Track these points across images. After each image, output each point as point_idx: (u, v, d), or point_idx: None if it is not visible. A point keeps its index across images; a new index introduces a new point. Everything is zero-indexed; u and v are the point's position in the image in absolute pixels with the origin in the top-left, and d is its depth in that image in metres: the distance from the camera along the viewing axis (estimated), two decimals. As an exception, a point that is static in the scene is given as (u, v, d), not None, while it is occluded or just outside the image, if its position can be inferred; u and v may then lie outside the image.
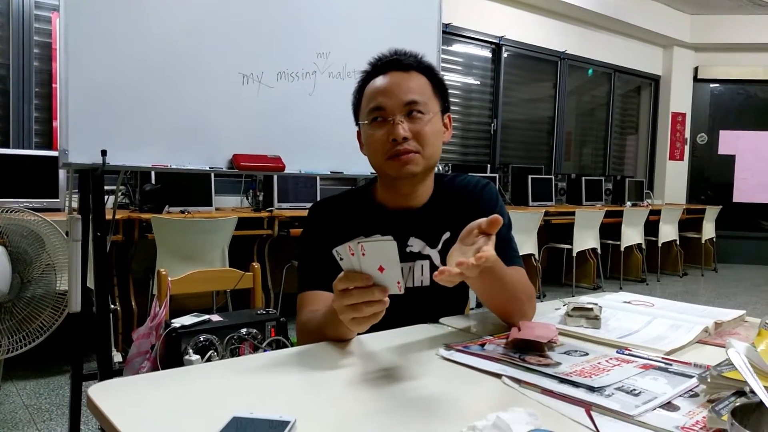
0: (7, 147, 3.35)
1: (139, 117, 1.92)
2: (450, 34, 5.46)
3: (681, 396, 0.74)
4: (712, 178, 7.80)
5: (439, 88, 1.18)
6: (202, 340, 1.44)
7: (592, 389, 0.74)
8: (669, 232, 6.28)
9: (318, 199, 3.70)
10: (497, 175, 5.48)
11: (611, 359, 0.88)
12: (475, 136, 5.92)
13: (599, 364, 0.85)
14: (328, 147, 2.28)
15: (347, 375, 0.83)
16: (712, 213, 6.78)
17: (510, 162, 5.94)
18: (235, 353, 1.46)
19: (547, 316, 1.15)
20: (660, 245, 6.16)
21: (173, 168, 1.98)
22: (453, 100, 5.51)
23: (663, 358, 0.90)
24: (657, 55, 7.52)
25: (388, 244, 0.78)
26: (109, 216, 2.04)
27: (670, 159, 7.59)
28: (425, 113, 1.12)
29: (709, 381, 0.72)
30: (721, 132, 7.78)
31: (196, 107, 2.02)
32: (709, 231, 6.76)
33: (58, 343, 2.65)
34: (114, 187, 2.64)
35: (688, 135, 7.70)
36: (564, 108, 6.65)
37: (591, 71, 6.99)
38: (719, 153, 7.78)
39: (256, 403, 0.71)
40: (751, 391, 0.62)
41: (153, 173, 3.43)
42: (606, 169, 7.27)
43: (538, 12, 6.13)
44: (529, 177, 5.54)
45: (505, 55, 6.01)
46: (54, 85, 3.46)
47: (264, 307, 1.69)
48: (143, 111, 1.92)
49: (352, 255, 0.79)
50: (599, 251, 5.50)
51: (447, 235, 1.19)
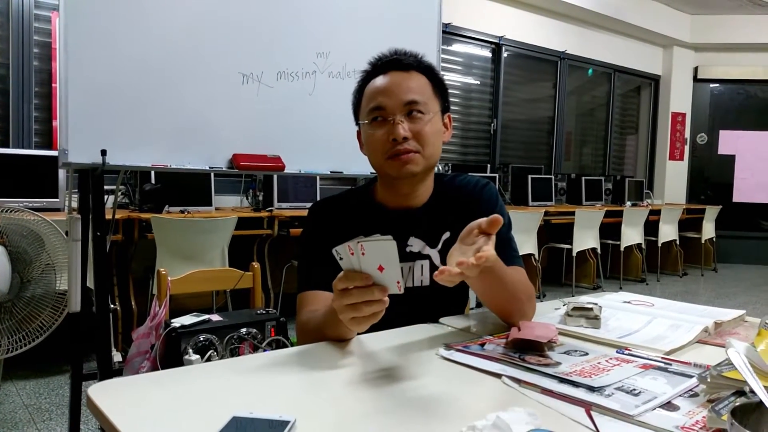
0: (7, 147, 3.35)
1: (138, 117, 1.92)
2: (450, 33, 5.46)
3: (681, 396, 0.74)
4: (711, 178, 7.80)
5: (439, 87, 1.18)
6: (201, 339, 1.44)
7: (592, 389, 0.74)
8: (669, 232, 6.28)
9: (318, 198, 3.70)
10: (497, 175, 5.48)
11: (611, 359, 0.88)
12: (475, 136, 5.92)
13: (599, 364, 0.85)
14: (328, 147, 2.28)
15: (347, 375, 0.83)
16: (711, 213, 6.78)
17: (510, 162, 5.95)
18: (234, 353, 1.46)
19: (547, 315, 1.15)
20: (660, 245, 6.16)
21: (173, 168, 1.98)
22: (453, 100, 5.50)
23: (663, 358, 0.90)
24: (657, 55, 7.52)
25: (387, 244, 0.78)
26: (108, 216, 2.04)
27: (670, 159, 7.59)
28: (425, 113, 1.12)
29: (708, 381, 0.72)
30: (721, 132, 7.78)
31: (196, 107, 2.02)
32: (708, 231, 6.76)
33: (58, 342, 2.65)
34: (114, 186, 2.64)
35: (688, 135, 7.70)
36: (564, 108, 6.65)
37: (591, 71, 6.99)
38: (719, 153, 7.78)
39: (256, 403, 0.71)
40: (751, 391, 0.62)
41: (153, 173, 3.43)
42: (606, 169, 7.27)
43: (538, 12, 6.13)
44: (529, 177, 5.54)
45: (505, 54, 6.01)
46: (54, 84, 3.46)
47: (264, 307, 1.69)
48: (143, 111, 1.92)
49: (352, 254, 0.79)
50: (599, 251, 5.50)
51: (447, 234, 1.19)
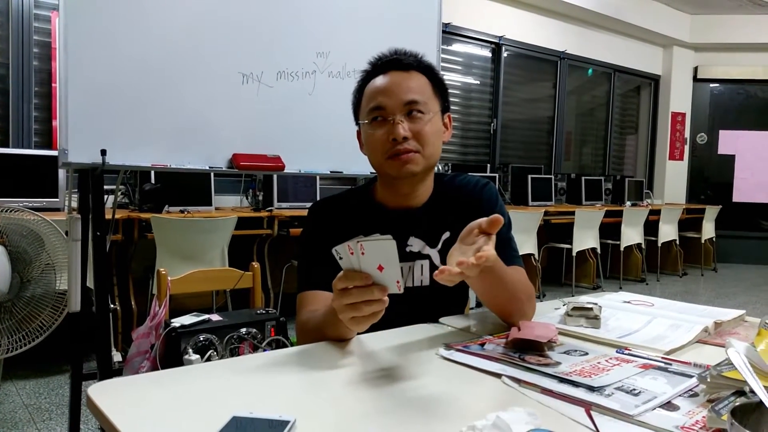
0: (7, 146, 3.35)
1: (138, 117, 1.92)
2: (450, 33, 5.46)
3: (681, 396, 0.74)
4: (711, 177, 7.80)
5: (439, 87, 1.18)
6: (201, 339, 1.44)
7: (591, 389, 0.74)
8: (669, 231, 6.28)
9: (318, 198, 3.69)
10: (497, 175, 5.48)
11: (611, 359, 0.88)
12: (474, 136, 5.92)
13: (599, 363, 0.85)
14: (328, 146, 2.28)
15: (347, 375, 0.83)
16: (711, 213, 6.78)
17: (510, 162, 5.95)
18: (234, 353, 1.46)
19: (547, 315, 1.15)
20: (660, 245, 6.16)
21: (173, 167, 1.98)
22: (453, 99, 5.50)
23: (663, 358, 0.90)
24: (657, 55, 7.52)
25: (387, 244, 0.78)
26: (108, 215, 2.04)
27: (670, 159, 7.59)
28: (425, 113, 1.12)
29: (708, 381, 0.72)
30: (720, 132, 7.78)
31: (195, 107, 2.02)
32: (708, 231, 6.76)
33: (58, 342, 2.65)
34: (114, 186, 2.64)
35: (687, 135, 7.70)
36: (564, 108, 6.65)
37: (591, 71, 6.99)
38: (719, 153, 7.78)
39: (256, 403, 0.71)
40: (751, 391, 0.62)
41: (152, 173, 3.43)
42: (606, 169, 7.27)
43: (538, 12, 6.13)
44: (529, 177, 5.54)
45: (504, 54, 6.00)
46: (54, 84, 3.46)
47: (264, 307, 1.69)
48: (143, 111, 1.92)
49: (352, 254, 0.79)
50: (599, 251, 5.50)
51: (447, 234, 1.18)
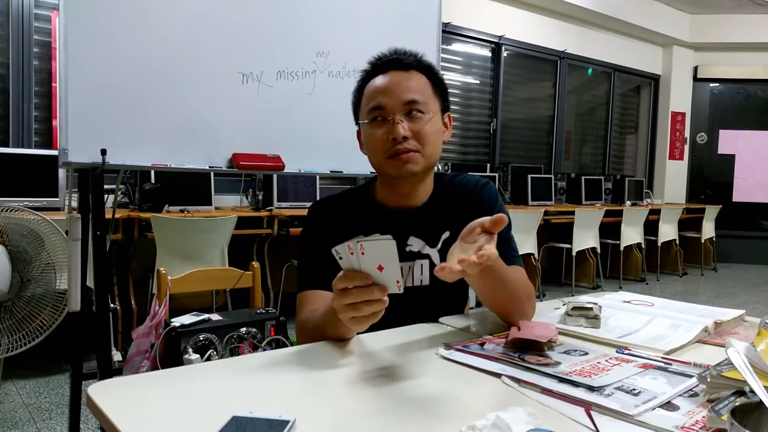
0: (7, 146, 3.35)
1: (138, 116, 1.92)
2: (449, 33, 5.46)
3: (681, 396, 0.74)
4: (711, 177, 7.80)
5: (439, 87, 1.18)
6: (201, 339, 1.44)
7: (591, 389, 0.74)
8: (668, 231, 6.28)
9: (317, 198, 3.70)
10: (497, 175, 5.48)
11: (611, 359, 0.88)
12: (474, 136, 5.92)
13: (599, 363, 0.85)
14: (328, 146, 2.28)
15: (347, 374, 0.83)
16: (711, 212, 6.78)
17: (509, 161, 5.95)
18: (234, 352, 1.46)
19: (547, 315, 1.15)
20: (660, 245, 6.16)
21: (173, 167, 1.98)
22: (452, 99, 5.50)
23: (663, 358, 0.90)
24: (657, 55, 7.52)
25: (387, 244, 0.78)
26: (108, 215, 2.04)
27: (670, 158, 7.59)
28: (425, 112, 1.12)
29: (708, 381, 0.72)
30: (720, 131, 7.78)
31: (195, 107, 2.02)
32: (708, 230, 6.76)
33: (58, 342, 2.65)
34: (114, 186, 2.64)
35: (687, 134, 7.70)
36: (564, 107, 6.65)
37: (591, 71, 6.99)
38: (719, 152, 7.78)
39: (256, 403, 0.71)
40: (751, 391, 0.62)
41: (152, 172, 3.42)
42: (606, 169, 7.27)
43: (538, 11, 6.13)
44: (529, 176, 5.54)
45: (504, 54, 6.00)
46: (54, 84, 3.46)
47: (263, 307, 1.69)
48: (143, 110, 1.92)
49: (352, 254, 0.79)
50: (599, 251, 5.50)
51: (447, 234, 1.18)
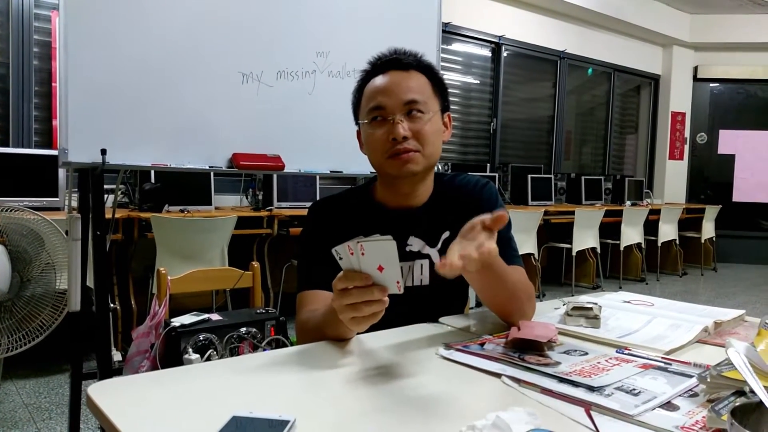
0: (7, 146, 3.35)
1: (138, 116, 1.92)
2: (449, 33, 5.46)
3: (681, 396, 0.74)
4: (711, 177, 7.80)
5: (439, 87, 1.18)
6: (201, 339, 1.44)
7: (591, 389, 0.74)
8: (668, 231, 6.28)
9: (317, 198, 3.70)
10: (497, 175, 5.48)
11: (611, 359, 0.88)
12: (474, 136, 5.92)
13: (599, 363, 0.85)
14: (328, 146, 2.28)
15: (347, 374, 0.83)
16: (711, 212, 6.78)
17: (509, 161, 5.95)
18: (234, 352, 1.46)
19: (547, 315, 1.15)
20: (659, 245, 6.16)
21: (173, 167, 1.98)
22: (452, 99, 5.50)
23: (663, 358, 0.90)
24: (657, 55, 7.52)
25: (387, 244, 0.78)
26: (108, 215, 2.04)
27: (670, 158, 7.59)
28: (425, 112, 1.12)
29: (708, 381, 0.72)
30: (720, 131, 7.78)
31: (195, 106, 2.01)
32: (708, 230, 6.76)
33: (58, 342, 2.65)
34: (114, 186, 2.64)
35: (687, 134, 7.70)
36: (564, 107, 6.65)
37: (591, 70, 6.99)
38: (719, 152, 7.78)
39: (256, 403, 0.71)
40: (751, 391, 0.62)
41: (152, 172, 3.42)
42: (605, 169, 7.27)
43: (538, 11, 6.13)
44: (529, 176, 5.54)
45: (504, 54, 6.00)
46: (54, 83, 3.46)
47: (263, 307, 1.68)
48: (143, 110, 1.92)
49: (352, 254, 0.79)
50: (599, 251, 5.50)
51: (446, 234, 1.18)
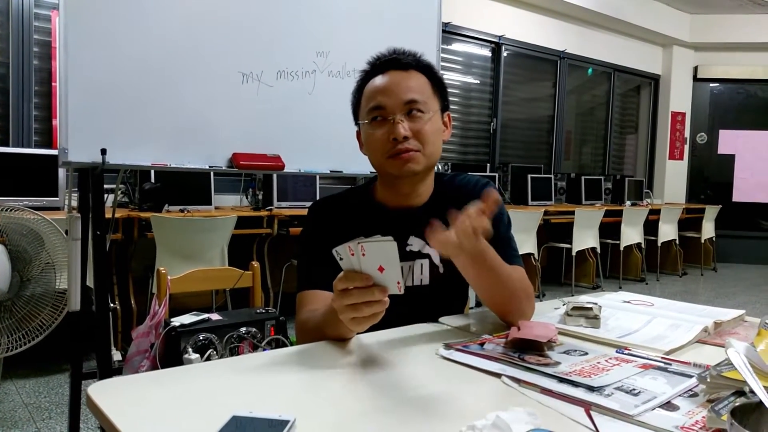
0: (7, 145, 3.34)
1: (138, 116, 1.92)
2: (449, 33, 5.45)
3: (680, 396, 0.74)
4: (711, 177, 7.80)
5: (438, 86, 1.18)
6: (201, 338, 1.44)
7: (591, 389, 0.74)
8: (668, 231, 6.28)
9: (317, 198, 3.70)
10: (497, 175, 5.48)
11: (611, 359, 0.88)
12: (474, 136, 5.91)
13: (599, 363, 0.85)
14: (328, 146, 2.28)
15: (347, 374, 0.83)
16: (711, 212, 6.78)
17: (509, 161, 5.95)
18: (234, 352, 1.46)
19: (547, 315, 1.15)
20: (659, 245, 6.16)
21: (173, 167, 1.98)
22: (452, 99, 5.50)
23: (662, 358, 0.90)
24: (657, 55, 7.52)
25: (388, 245, 0.78)
26: (108, 215, 2.04)
27: (670, 158, 7.59)
28: (425, 112, 1.12)
29: (708, 381, 0.72)
30: (720, 131, 7.78)
31: (195, 106, 2.01)
32: (708, 230, 6.76)
33: (58, 341, 2.65)
34: (114, 185, 2.64)
35: (687, 134, 7.70)
36: (564, 107, 6.65)
37: (591, 70, 6.99)
38: (719, 152, 7.78)
39: (256, 402, 0.71)
40: (751, 391, 0.62)
41: (152, 172, 3.42)
42: (605, 169, 7.27)
43: (538, 11, 6.13)
44: (529, 176, 5.54)
45: (504, 54, 6.00)
46: (54, 83, 3.46)
47: (263, 306, 1.69)
48: (143, 110, 1.92)
49: (352, 255, 0.79)
50: (599, 250, 5.50)
51: (447, 234, 1.18)
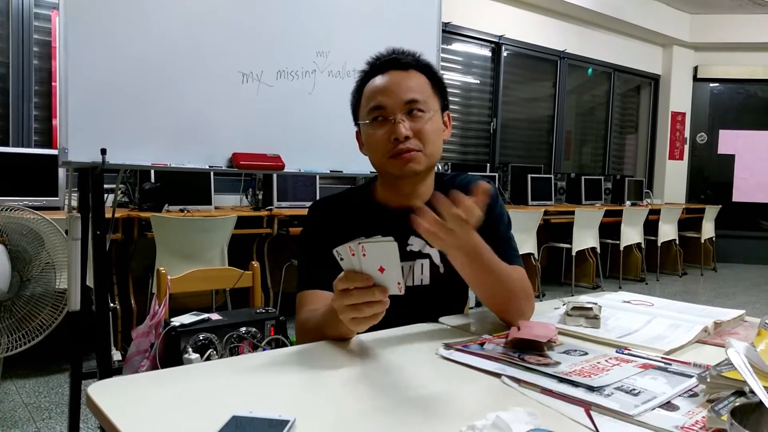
0: (7, 145, 3.34)
1: (138, 116, 1.92)
2: (449, 33, 5.45)
3: (680, 396, 0.74)
4: (711, 177, 7.80)
5: (438, 86, 1.18)
6: (201, 338, 1.44)
7: (591, 389, 0.74)
8: (668, 231, 6.28)
9: (317, 197, 3.69)
10: (497, 175, 5.48)
11: (611, 359, 0.88)
12: (474, 136, 5.91)
13: (599, 363, 0.85)
14: (328, 146, 2.28)
15: (346, 374, 0.83)
16: (711, 212, 6.78)
17: (509, 161, 5.95)
18: (234, 352, 1.46)
19: (547, 315, 1.15)
20: (659, 245, 6.16)
21: (173, 167, 1.98)
22: (452, 99, 5.51)
23: (662, 358, 0.90)
24: (657, 55, 7.52)
25: (388, 245, 0.78)
26: (108, 214, 2.04)
27: (670, 158, 7.59)
28: (426, 111, 1.12)
29: (708, 381, 0.72)
30: (720, 131, 7.78)
31: (195, 106, 2.01)
32: (708, 230, 6.76)
33: (58, 341, 2.65)
34: (113, 185, 2.64)
35: (687, 134, 7.70)
36: (564, 107, 6.65)
37: (591, 70, 6.99)
38: (719, 152, 7.78)
39: (256, 402, 0.71)
40: (751, 391, 0.62)
41: (152, 172, 3.42)
42: (605, 169, 7.27)
43: (538, 11, 6.13)
44: (529, 176, 5.54)
45: (504, 54, 6.00)
46: (54, 83, 3.46)
47: (263, 306, 1.69)
48: (143, 110, 1.92)
49: (353, 255, 0.79)
50: (599, 250, 5.50)
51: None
